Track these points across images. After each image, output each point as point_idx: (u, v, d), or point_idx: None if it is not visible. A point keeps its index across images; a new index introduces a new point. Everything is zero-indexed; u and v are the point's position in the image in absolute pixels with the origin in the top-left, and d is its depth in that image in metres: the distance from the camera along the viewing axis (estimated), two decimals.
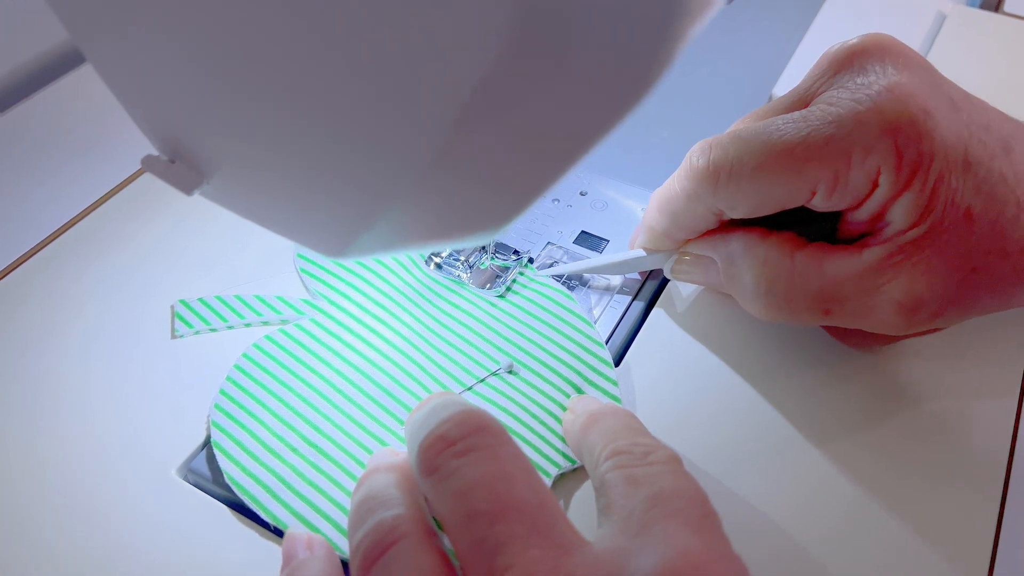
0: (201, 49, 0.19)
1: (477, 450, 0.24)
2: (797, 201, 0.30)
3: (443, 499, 0.24)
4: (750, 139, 0.30)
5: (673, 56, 0.16)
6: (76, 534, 0.29)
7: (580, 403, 0.31)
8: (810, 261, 0.30)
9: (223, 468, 0.30)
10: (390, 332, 0.35)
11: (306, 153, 0.20)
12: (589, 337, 0.34)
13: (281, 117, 0.19)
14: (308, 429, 0.31)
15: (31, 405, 0.33)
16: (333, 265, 0.37)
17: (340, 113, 0.18)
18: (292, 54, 0.17)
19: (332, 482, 0.30)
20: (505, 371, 0.33)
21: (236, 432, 0.31)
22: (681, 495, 0.23)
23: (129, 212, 0.41)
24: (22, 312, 0.36)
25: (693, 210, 0.32)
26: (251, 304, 0.36)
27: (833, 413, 0.32)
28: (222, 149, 0.22)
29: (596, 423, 0.28)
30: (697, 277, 0.35)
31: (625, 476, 0.24)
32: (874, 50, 0.30)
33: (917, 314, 0.29)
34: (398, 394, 0.33)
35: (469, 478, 0.23)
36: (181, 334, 0.35)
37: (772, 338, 0.35)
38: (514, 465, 0.24)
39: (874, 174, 0.28)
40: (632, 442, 0.26)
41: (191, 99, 0.21)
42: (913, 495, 0.30)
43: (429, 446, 0.24)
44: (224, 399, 0.32)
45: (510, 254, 0.38)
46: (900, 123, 0.28)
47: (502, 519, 0.22)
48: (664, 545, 0.22)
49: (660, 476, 0.24)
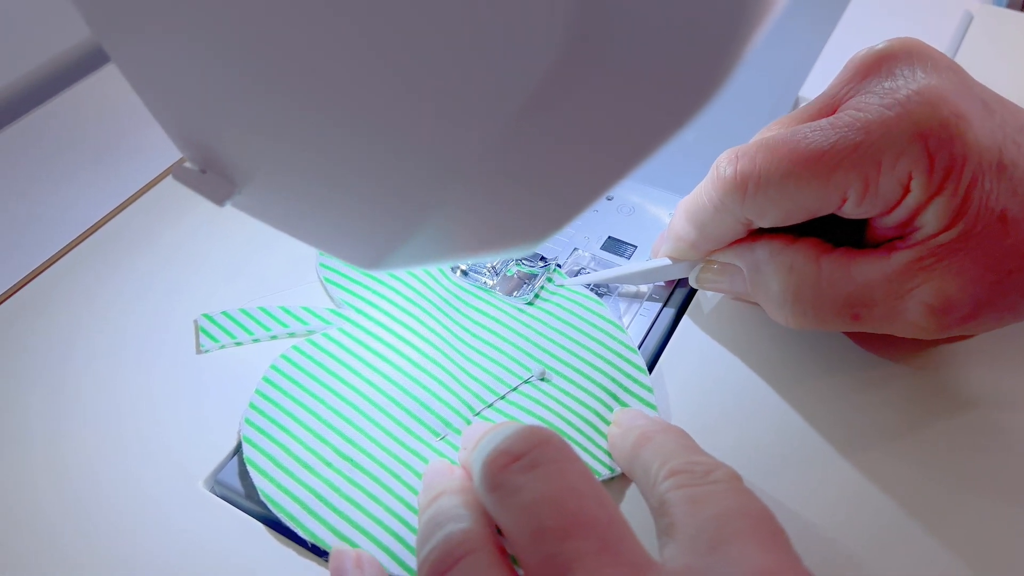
0: (238, 50, 0.18)
1: (543, 464, 0.23)
2: (827, 209, 0.30)
3: (510, 514, 0.23)
4: (777, 147, 0.29)
5: (738, 60, 0.15)
6: (101, 545, 0.28)
7: (626, 417, 0.30)
8: (837, 266, 0.30)
9: (257, 485, 0.29)
10: (419, 340, 0.34)
11: (349, 159, 0.19)
12: (623, 343, 0.34)
13: (324, 122, 0.18)
14: (342, 442, 0.31)
15: (56, 412, 0.32)
16: (357, 273, 0.37)
17: (388, 116, 0.17)
18: (337, 53, 0.17)
19: (370, 497, 0.29)
20: (538, 379, 0.33)
21: (268, 447, 0.30)
22: (748, 514, 0.23)
23: (154, 215, 0.41)
24: (47, 318, 0.36)
25: (721, 221, 0.32)
26: (276, 315, 0.35)
27: (865, 422, 0.32)
28: (257, 157, 0.21)
29: (648, 440, 0.27)
30: (723, 286, 0.34)
31: (687, 496, 0.24)
32: (902, 54, 0.29)
33: (948, 316, 0.29)
34: (431, 404, 0.32)
35: (537, 493, 0.23)
36: (207, 348, 0.34)
37: (802, 345, 0.35)
38: (581, 480, 0.23)
39: (905, 179, 0.28)
40: (690, 460, 0.25)
41: (226, 104, 0.21)
42: (949, 507, 0.29)
43: (493, 460, 0.24)
44: (255, 413, 0.31)
45: (537, 260, 0.37)
46: (931, 127, 0.27)
47: (573, 535, 0.22)
48: (739, 565, 0.21)
49: (724, 495, 0.24)
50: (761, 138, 0.30)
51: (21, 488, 0.30)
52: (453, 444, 0.31)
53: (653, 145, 0.17)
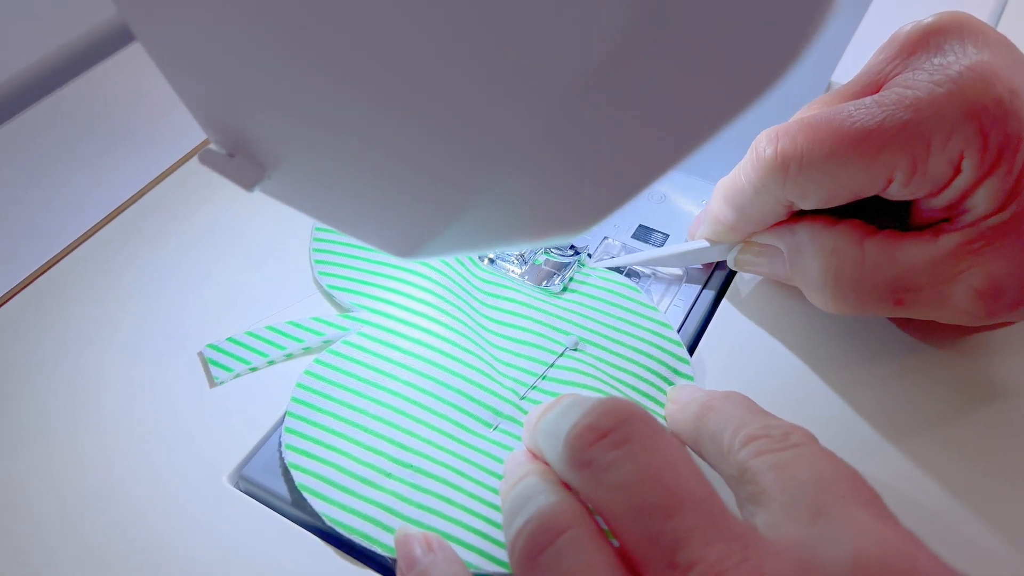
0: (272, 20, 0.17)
1: (634, 440, 0.22)
2: (872, 190, 0.29)
3: (605, 492, 0.22)
4: (819, 126, 0.28)
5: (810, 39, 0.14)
6: (125, 540, 0.28)
7: (683, 392, 0.29)
8: (881, 249, 0.29)
9: (321, 511, 0.27)
10: (446, 330, 0.33)
11: (391, 137, 0.18)
12: (660, 324, 0.33)
13: (363, 98, 0.17)
14: (396, 449, 0.29)
15: (76, 406, 0.32)
16: (361, 273, 0.35)
17: (436, 93, 0.16)
18: (380, 22, 0.15)
19: (441, 499, 0.28)
20: (572, 349, 0.32)
21: (320, 469, 0.29)
22: (843, 476, 0.22)
23: (176, 199, 0.40)
24: (66, 306, 0.35)
25: (761, 203, 0.31)
26: (287, 332, 0.33)
27: (907, 408, 0.31)
28: (288, 137, 0.20)
29: (711, 410, 0.26)
30: (762, 268, 0.33)
31: (772, 462, 0.23)
32: (952, 29, 0.28)
33: (998, 302, 0.28)
34: (476, 394, 0.31)
35: (633, 469, 0.22)
36: (221, 380, 0.32)
37: (843, 331, 0.34)
38: (676, 454, 0.22)
39: (956, 160, 0.27)
40: (765, 425, 0.24)
41: (255, 79, 0.19)
42: (993, 494, 0.29)
43: (578, 436, 0.23)
44: (293, 437, 0.29)
45: (567, 249, 0.36)
46: (985, 104, 0.26)
47: (677, 512, 0.21)
48: (852, 532, 0.20)
49: (812, 459, 0.23)
50: (802, 117, 0.29)
51: (43, 483, 0.29)
52: (508, 432, 0.30)
53: (712, 129, 0.16)
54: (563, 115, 0.15)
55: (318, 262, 0.36)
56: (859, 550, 0.20)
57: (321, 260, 0.36)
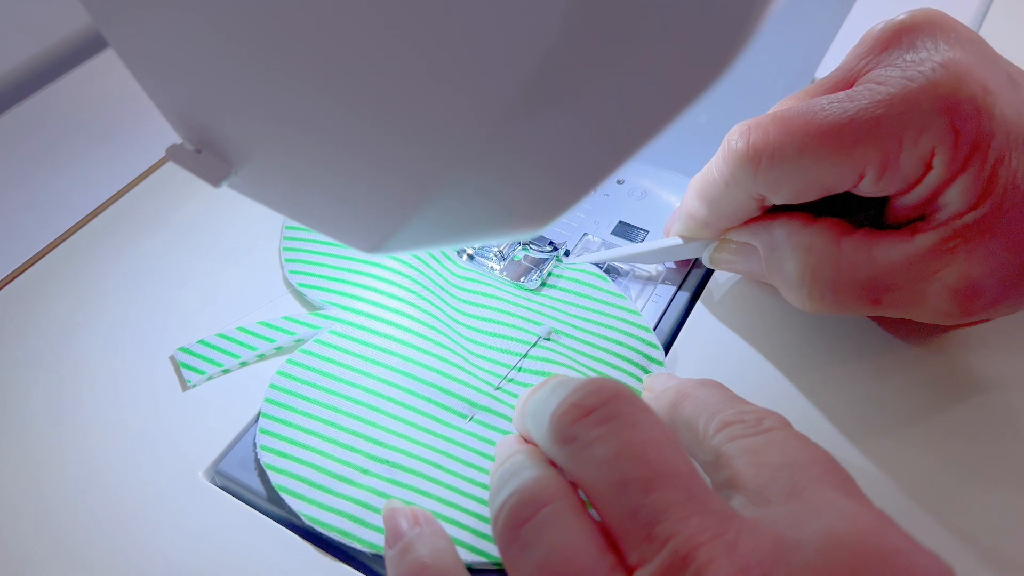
0: (234, 25, 0.18)
1: (618, 417, 0.23)
2: (843, 186, 0.29)
3: (586, 467, 0.22)
4: (791, 120, 0.28)
5: (752, 33, 0.14)
6: (101, 535, 0.28)
7: (658, 381, 0.29)
8: (858, 248, 0.29)
9: (299, 511, 0.28)
10: (418, 325, 0.33)
11: (349, 136, 0.18)
12: (628, 311, 0.33)
13: (321, 99, 0.17)
14: (371, 446, 0.29)
15: (56, 401, 0.32)
16: (333, 270, 0.35)
17: (389, 93, 0.16)
18: (336, 28, 0.16)
19: (419, 493, 0.28)
20: (544, 338, 0.32)
21: (296, 469, 0.29)
22: (816, 459, 0.23)
23: (156, 199, 0.40)
24: (46, 305, 0.35)
25: (733, 196, 0.31)
26: (258, 332, 0.33)
27: (881, 407, 0.31)
28: (253, 135, 0.21)
29: (686, 398, 0.26)
30: (737, 266, 0.33)
31: (745, 447, 0.23)
32: (924, 26, 0.28)
33: (974, 301, 0.28)
34: (449, 387, 0.31)
35: (616, 445, 0.22)
36: (194, 383, 0.32)
37: (819, 330, 0.34)
38: (658, 431, 0.23)
39: (927, 156, 0.27)
40: (737, 411, 0.24)
41: (220, 80, 0.20)
42: (966, 494, 0.29)
43: (564, 413, 0.23)
44: (268, 438, 0.29)
45: (545, 245, 0.36)
46: (957, 100, 0.26)
47: (658, 486, 0.21)
48: (826, 510, 0.21)
49: (785, 443, 0.23)
50: (775, 111, 0.29)
51: (21, 477, 0.30)
52: (483, 422, 0.30)
53: (662, 123, 0.16)
54: (506, 118, 0.15)
55: (288, 260, 0.36)
56: (832, 527, 0.20)
57: (291, 259, 0.36)
